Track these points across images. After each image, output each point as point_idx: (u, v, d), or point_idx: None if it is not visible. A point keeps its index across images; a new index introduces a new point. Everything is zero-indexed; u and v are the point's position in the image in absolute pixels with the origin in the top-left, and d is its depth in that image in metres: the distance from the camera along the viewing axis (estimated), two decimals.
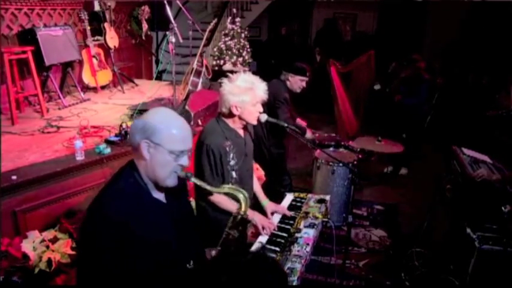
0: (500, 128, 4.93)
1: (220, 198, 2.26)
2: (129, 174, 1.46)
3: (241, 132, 2.36)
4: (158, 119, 1.42)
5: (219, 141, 2.22)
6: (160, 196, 1.50)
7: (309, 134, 3.82)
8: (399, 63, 5.84)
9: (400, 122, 5.26)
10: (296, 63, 3.81)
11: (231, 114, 2.27)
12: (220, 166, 2.23)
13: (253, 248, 1.63)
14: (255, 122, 2.33)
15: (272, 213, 2.54)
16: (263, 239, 2.27)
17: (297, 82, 3.73)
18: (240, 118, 2.27)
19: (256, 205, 2.59)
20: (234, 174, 2.28)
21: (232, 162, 2.25)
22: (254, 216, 2.28)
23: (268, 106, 3.67)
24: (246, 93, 2.19)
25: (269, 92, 2.35)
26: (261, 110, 2.29)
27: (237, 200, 1.66)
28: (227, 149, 2.22)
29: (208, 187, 1.62)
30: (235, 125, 2.30)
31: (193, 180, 1.50)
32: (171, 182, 1.46)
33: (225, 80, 2.26)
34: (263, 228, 2.27)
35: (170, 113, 1.51)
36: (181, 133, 1.44)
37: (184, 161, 1.45)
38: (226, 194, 1.70)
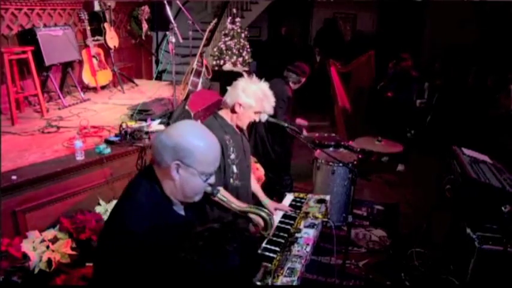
0: (500, 128, 4.94)
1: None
2: (149, 187, 1.38)
3: (237, 129, 2.39)
4: (190, 140, 1.35)
5: (219, 134, 2.24)
6: (180, 210, 1.46)
7: (305, 134, 3.92)
8: (393, 62, 5.95)
9: (392, 118, 5.36)
10: (302, 65, 3.91)
11: (231, 109, 2.30)
12: (222, 160, 2.24)
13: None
14: (244, 127, 2.38)
15: (275, 210, 2.55)
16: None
17: (302, 82, 3.89)
18: (237, 117, 2.31)
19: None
20: (235, 168, 2.30)
21: (232, 156, 2.28)
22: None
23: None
24: (256, 100, 2.24)
25: (272, 91, 2.36)
26: (257, 119, 2.34)
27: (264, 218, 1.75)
28: (227, 142, 2.26)
29: (233, 205, 1.76)
30: (232, 122, 2.35)
31: (219, 196, 1.52)
32: (198, 198, 1.44)
33: (245, 76, 2.30)
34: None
35: (201, 131, 1.43)
36: (214, 155, 1.40)
37: (213, 179, 1.43)
38: (248, 212, 1.76)
